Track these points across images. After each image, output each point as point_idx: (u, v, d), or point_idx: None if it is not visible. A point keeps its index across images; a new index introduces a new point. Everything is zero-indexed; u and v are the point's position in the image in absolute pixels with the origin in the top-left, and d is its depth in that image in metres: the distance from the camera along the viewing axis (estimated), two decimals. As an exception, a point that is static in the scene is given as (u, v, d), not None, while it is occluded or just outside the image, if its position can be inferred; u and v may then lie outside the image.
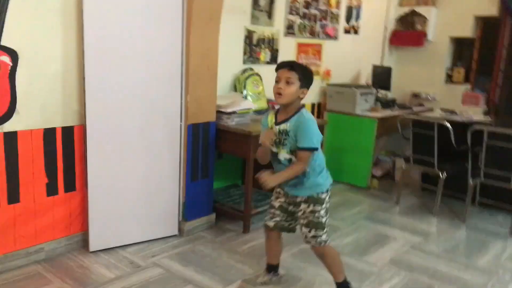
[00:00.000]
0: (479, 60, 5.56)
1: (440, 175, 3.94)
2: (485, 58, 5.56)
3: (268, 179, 2.22)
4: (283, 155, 2.30)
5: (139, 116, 2.98)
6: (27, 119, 2.65)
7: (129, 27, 2.85)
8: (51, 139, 2.76)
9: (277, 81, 2.28)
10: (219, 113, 3.43)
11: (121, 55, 2.84)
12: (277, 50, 4.30)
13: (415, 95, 5.84)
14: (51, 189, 2.81)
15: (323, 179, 2.35)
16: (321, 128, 3.87)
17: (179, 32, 3.06)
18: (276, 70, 2.32)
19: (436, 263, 3.08)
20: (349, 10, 5.07)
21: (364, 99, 4.74)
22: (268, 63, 4.23)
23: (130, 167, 2.99)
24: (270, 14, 4.15)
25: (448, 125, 3.80)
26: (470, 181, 3.83)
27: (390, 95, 5.74)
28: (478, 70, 5.61)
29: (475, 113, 4.85)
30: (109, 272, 2.74)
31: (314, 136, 2.23)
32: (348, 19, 5.09)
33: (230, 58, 3.83)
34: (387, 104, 5.10)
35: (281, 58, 4.34)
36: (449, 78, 5.70)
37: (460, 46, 5.73)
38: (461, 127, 3.93)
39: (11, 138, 2.59)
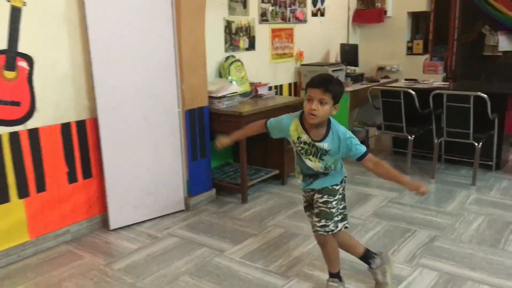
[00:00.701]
0: (435, 32, 6.09)
1: (409, 137, 4.44)
2: (440, 29, 6.10)
3: (420, 186, 2.26)
4: (318, 169, 2.30)
5: (142, 105, 3.32)
6: (45, 116, 2.96)
7: (127, 27, 3.18)
8: (67, 133, 3.09)
9: (308, 100, 2.17)
10: (211, 98, 3.81)
11: (122, 52, 3.17)
12: (253, 37, 4.68)
13: (381, 68, 6.34)
14: (71, 177, 3.15)
15: (338, 173, 2.38)
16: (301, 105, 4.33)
17: (171, 27, 3.40)
18: (309, 87, 2.20)
19: (412, 212, 3.59)
20: (315, -6, 5.49)
21: (335, 75, 5.17)
22: (247, 49, 4.60)
23: (139, 152, 3.35)
24: (245, 4, 4.51)
25: (413, 92, 4.29)
26: (435, 140, 4.35)
27: (358, 70, 6.22)
28: (435, 40, 6.14)
29: (436, 80, 5.39)
30: (132, 244, 3.12)
31: (358, 142, 2.27)
32: (314, 3, 5.50)
33: (213, 47, 4.18)
34: (356, 78, 5.57)
35: (258, 44, 4.73)
36: (410, 50, 6.21)
37: (417, 19, 6.24)
38: (424, 93, 4.41)
39: (34, 134, 2.91)
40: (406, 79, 5.42)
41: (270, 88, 4.80)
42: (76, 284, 2.64)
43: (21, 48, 2.78)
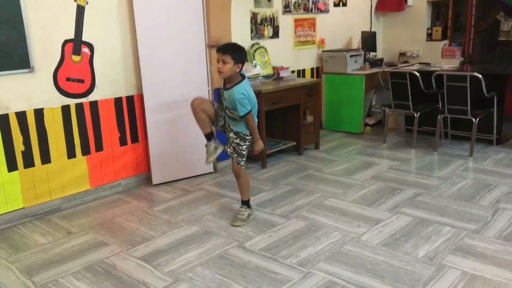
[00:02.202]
0: (454, 19, 6.47)
1: (415, 114, 4.95)
2: (459, 16, 6.47)
3: (258, 147, 3.13)
4: (227, 108, 3.11)
5: (179, 84, 4.07)
6: (102, 91, 3.78)
7: (166, 19, 3.92)
8: (119, 105, 3.89)
9: (217, 61, 2.97)
10: (236, 79, 4.50)
11: (162, 40, 3.93)
12: (277, 26, 5.32)
13: (402, 54, 6.78)
14: (122, 141, 3.96)
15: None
16: (318, 86, 4.93)
17: (201, 19, 4.11)
18: (216, 52, 3.00)
19: (406, 176, 4.13)
20: (337, -14, 6.03)
21: (353, 60, 5.73)
22: (271, 37, 5.26)
23: (175, 122, 4.10)
24: (269, -2, 5.16)
25: (417, 73, 4.79)
26: (438, 117, 4.83)
27: (379, 55, 6.71)
28: (454, 27, 6.51)
29: (454, 65, 5.80)
30: (169, 195, 3.89)
31: (242, 106, 2.96)
32: (336, -6, 6.05)
33: (240, 35, 4.86)
34: (375, 63, 6.07)
35: (281, 32, 5.37)
36: (429, 36, 6.61)
37: (437, 7, 6.62)
38: (429, 75, 4.89)
39: (94, 105, 3.73)
40: (420, 63, 5.87)
41: (292, 72, 5.45)
42: (125, 219, 3.44)
43: (85, 37, 3.59)
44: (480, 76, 4.36)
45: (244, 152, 3.21)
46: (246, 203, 3.33)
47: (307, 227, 3.15)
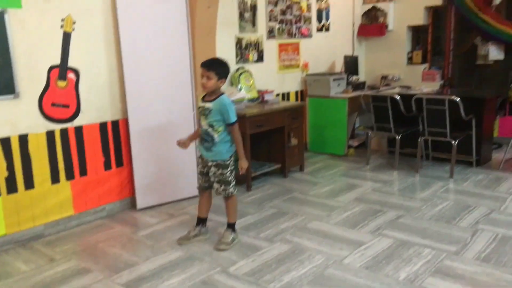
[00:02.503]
0: (433, 43, 6.67)
1: (396, 137, 5.05)
2: (438, 41, 6.68)
3: (243, 164, 3.16)
4: (205, 127, 3.11)
5: (164, 107, 4.11)
6: (88, 116, 3.80)
7: (152, 44, 3.99)
8: (104, 130, 3.92)
9: (201, 76, 3.05)
10: (221, 103, 4.57)
11: (148, 65, 3.98)
12: (262, 51, 5.43)
13: (384, 77, 6.94)
14: (107, 165, 3.97)
15: (227, 150, 3.17)
16: (302, 109, 5.02)
17: (187, 44, 4.18)
18: (200, 67, 3.07)
19: (389, 198, 4.20)
20: (319, 12, 6.18)
21: (336, 83, 5.85)
22: (256, 61, 5.36)
23: (160, 146, 4.13)
24: (254, 23, 5.28)
25: (397, 96, 4.92)
26: (419, 139, 4.94)
27: (362, 78, 6.87)
28: (433, 51, 6.72)
29: (433, 87, 5.96)
30: (154, 219, 3.89)
31: (233, 112, 3.06)
32: (319, 19, 6.20)
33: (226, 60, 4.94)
34: (358, 86, 6.20)
35: (266, 57, 5.47)
36: (410, 60, 6.80)
37: (416, 32, 6.83)
38: (410, 98, 5.01)
39: (78, 130, 3.75)
40: (400, 86, 6.02)
41: (276, 95, 5.54)
42: (109, 244, 3.43)
43: (70, 63, 3.64)
44: (458, 99, 4.50)
45: (230, 178, 3.22)
46: (232, 226, 3.34)
47: (291, 251, 3.17)
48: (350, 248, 3.16)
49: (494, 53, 6.02)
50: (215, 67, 3.04)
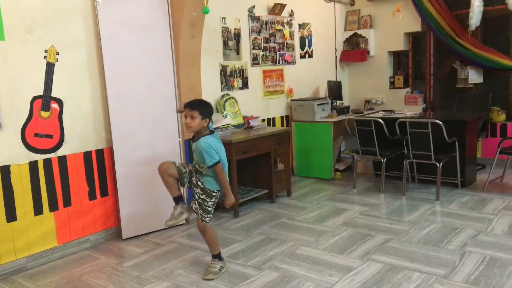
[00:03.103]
0: (414, 67, 6.82)
1: (382, 160, 5.09)
2: (418, 65, 6.83)
3: (229, 201, 3.15)
4: (197, 161, 3.17)
5: (149, 136, 4.09)
6: (71, 146, 3.76)
7: (137, 74, 4.00)
8: (89, 159, 3.87)
9: (185, 117, 3.06)
10: (207, 129, 4.57)
11: (133, 94, 3.98)
12: (247, 78, 5.48)
13: (367, 101, 7.04)
14: (91, 195, 3.91)
15: (216, 183, 3.15)
16: (288, 134, 5.04)
17: (171, 74, 4.21)
18: (184, 108, 3.08)
19: (377, 221, 4.20)
20: (302, 39, 6.30)
21: (321, 108, 5.91)
22: (241, 88, 5.40)
23: (146, 175, 4.08)
24: (238, 51, 5.34)
25: (381, 120, 4.98)
26: (404, 162, 4.99)
27: (346, 103, 6.95)
28: (415, 75, 6.86)
29: (416, 111, 6.06)
30: (140, 249, 3.82)
31: (209, 156, 3.01)
32: (302, 46, 6.31)
33: (211, 87, 4.98)
34: (342, 110, 6.27)
35: (251, 83, 5.52)
36: (392, 84, 6.92)
37: (397, 57, 6.98)
38: (393, 122, 5.07)
39: (62, 160, 3.70)
40: (384, 110, 6.11)
41: (262, 120, 5.57)
42: (93, 276, 3.35)
43: (54, 93, 3.61)
44: (441, 122, 4.57)
45: (209, 209, 3.20)
46: (217, 256, 3.30)
47: (280, 278, 3.13)
48: (339, 274, 3.13)
49: (474, 76, 6.16)
50: (199, 107, 3.06)
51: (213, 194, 3.18)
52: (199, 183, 3.18)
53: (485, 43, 5.99)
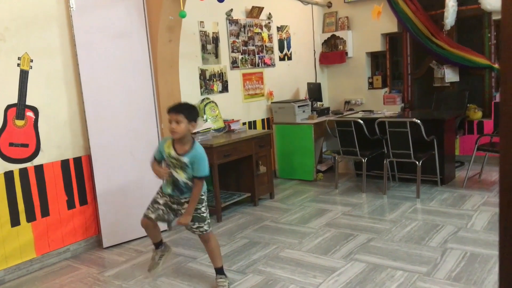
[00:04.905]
0: (392, 68, 6.90)
1: (363, 160, 5.13)
2: (396, 65, 6.92)
3: (185, 220, 2.86)
4: (182, 180, 2.86)
5: (128, 143, 4.04)
6: (48, 155, 3.68)
7: (113, 80, 3.95)
8: (66, 167, 3.80)
9: (170, 122, 2.79)
10: (187, 134, 4.53)
11: (110, 101, 3.93)
12: (226, 81, 5.46)
13: (347, 102, 7.09)
14: (70, 204, 3.83)
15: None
16: (269, 136, 5.04)
17: (149, 79, 4.17)
18: (168, 112, 2.82)
19: (359, 221, 4.22)
20: (281, 42, 6.31)
21: (302, 110, 5.93)
22: (220, 92, 5.38)
23: (126, 182, 4.03)
24: (217, 55, 5.32)
25: (360, 121, 5.02)
26: (385, 161, 5.03)
27: (326, 104, 6.99)
28: (393, 75, 6.94)
29: (395, 111, 6.13)
30: (121, 257, 3.76)
31: (206, 167, 2.84)
32: (281, 49, 6.33)
33: (190, 91, 4.94)
34: (322, 112, 6.30)
35: (230, 87, 5.50)
36: (371, 85, 6.99)
37: (375, 58, 7.05)
38: (373, 122, 5.12)
39: (39, 169, 3.62)
40: (363, 110, 6.16)
41: (243, 124, 5.55)
42: (74, 287, 3.27)
43: (29, 101, 3.54)
44: (419, 121, 4.62)
45: (204, 215, 2.97)
46: (221, 271, 3.06)
47: (264, 282, 3.11)
48: (323, 276, 3.13)
49: (450, 75, 6.26)
50: (184, 110, 2.81)
51: (202, 197, 2.96)
52: (183, 200, 2.95)
53: (460, 42, 6.09)
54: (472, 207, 4.35)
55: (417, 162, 4.74)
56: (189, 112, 2.84)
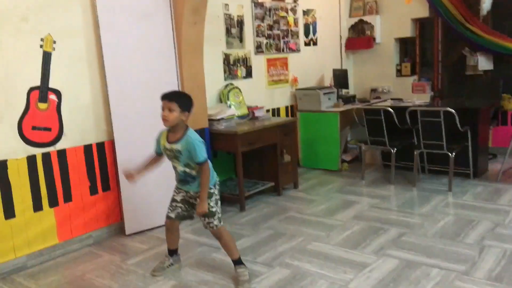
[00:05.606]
0: (421, 55, 6.63)
1: (391, 150, 4.93)
2: (426, 52, 6.64)
3: (201, 208, 2.75)
4: (180, 169, 2.85)
5: (151, 128, 3.88)
6: (71, 139, 3.60)
7: (137, 63, 3.82)
8: (89, 152, 3.72)
9: (162, 109, 2.76)
10: (210, 120, 4.41)
11: (133, 84, 3.81)
12: (250, 67, 5.30)
13: (373, 90, 6.87)
14: (93, 190, 3.76)
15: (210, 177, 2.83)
16: (294, 124, 4.89)
17: (173, 62, 4.03)
18: (161, 99, 2.78)
19: (388, 214, 4.05)
20: (306, 26, 6.10)
21: (327, 97, 5.74)
22: (244, 77, 5.22)
23: (148, 168, 3.92)
24: (241, 39, 5.15)
25: (391, 109, 4.81)
26: (415, 152, 4.83)
27: (352, 92, 6.78)
28: (422, 63, 6.67)
29: (424, 99, 5.89)
30: (144, 245, 3.68)
31: (202, 151, 2.76)
32: (306, 34, 6.12)
33: (214, 77, 4.80)
34: (348, 100, 6.10)
35: (254, 72, 5.34)
36: (399, 72, 6.74)
37: (404, 44, 6.79)
38: (403, 111, 4.91)
39: (62, 154, 3.54)
40: (392, 98, 5.94)
41: (267, 111, 5.40)
42: (97, 275, 3.20)
43: (52, 84, 3.44)
44: (453, 111, 4.40)
45: (214, 209, 2.87)
46: (239, 261, 2.98)
47: (292, 276, 2.99)
48: (354, 271, 2.99)
49: (483, 63, 5.97)
50: (177, 98, 2.78)
51: (211, 191, 2.86)
52: (192, 193, 2.92)
53: (494, 29, 5.79)
54: (508, 202, 4.14)
55: (450, 154, 4.53)
56: (183, 101, 2.79)
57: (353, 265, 3.08)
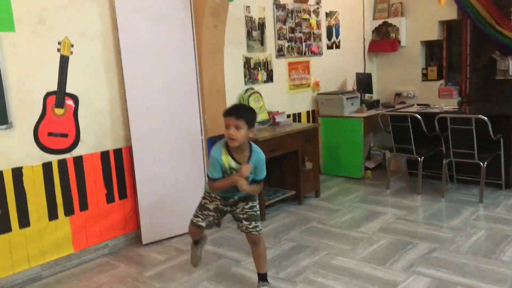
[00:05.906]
0: (448, 58, 6.38)
1: (419, 159, 4.72)
2: (453, 56, 6.40)
3: (245, 184, 2.53)
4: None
5: (170, 134, 3.81)
6: (88, 145, 3.49)
7: (156, 67, 3.70)
8: (106, 159, 3.61)
9: (227, 127, 2.50)
10: (231, 126, 4.26)
11: (152, 89, 3.69)
12: (271, 70, 5.14)
13: (398, 94, 6.64)
14: (109, 198, 3.65)
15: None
16: (316, 130, 4.72)
17: (193, 66, 3.90)
18: (224, 116, 2.52)
19: (417, 227, 3.85)
20: (329, 29, 5.92)
21: (350, 102, 5.55)
22: (265, 81, 5.07)
23: (166, 176, 3.81)
24: (262, 42, 5.00)
25: (418, 116, 4.60)
26: (444, 161, 4.60)
27: (375, 96, 6.57)
28: (449, 67, 6.43)
29: (451, 105, 5.65)
30: (161, 256, 3.55)
31: (264, 167, 2.66)
32: (329, 36, 5.94)
33: (234, 81, 4.66)
34: (372, 105, 5.90)
35: (275, 76, 5.18)
36: (425, 76, 6.50)
37: (430, 47, 6.55)
38: (431, 117, 4.69)
39: (78, 161, 3.44)
40: (418, 104, 5.71)
41: (287, 116, 5.24)
42: (113, 287, 3.08)
43: (69, 89, 3.34)
44: (486, 118, 4.17)
45: (258, 213, 2.78)
46: (265, 277, 2.83)
47: (316, 294, 2.82)
48: (383, 290, 2.81)
49: (515, 67, 5.71)
50: (245, 114, 2.51)
51: (255, 196, 2.80)
52: (241, 202, 2.76)
53: (528, 32, 5.53)
54: (545, 215, 3.90)
55: (482, 163, 4.30)
56: (251, 117, 2.57)
57: (381, 284, 2.89)
